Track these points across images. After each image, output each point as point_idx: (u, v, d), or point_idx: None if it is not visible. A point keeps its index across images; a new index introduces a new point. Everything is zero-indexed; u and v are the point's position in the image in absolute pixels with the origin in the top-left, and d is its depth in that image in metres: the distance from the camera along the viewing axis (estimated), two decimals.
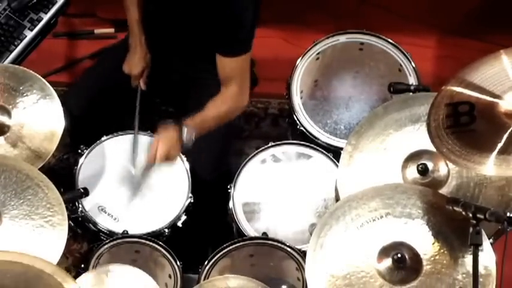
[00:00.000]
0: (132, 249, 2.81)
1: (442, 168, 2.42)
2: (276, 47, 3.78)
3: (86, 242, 3.20)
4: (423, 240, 2.21)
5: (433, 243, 2.20)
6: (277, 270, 2.85)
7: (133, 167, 2.93)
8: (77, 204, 2.83)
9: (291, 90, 3.12)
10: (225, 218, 2.96)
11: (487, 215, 2.02)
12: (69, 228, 2.40)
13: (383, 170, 2.48)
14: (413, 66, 3.10)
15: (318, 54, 3.18)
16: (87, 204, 2.86)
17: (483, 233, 2.10)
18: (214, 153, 3.01)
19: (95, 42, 3.77)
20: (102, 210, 2.88)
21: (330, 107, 3.37)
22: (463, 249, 2.17)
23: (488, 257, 2.14)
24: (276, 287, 2.85)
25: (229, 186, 2.91)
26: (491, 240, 2.34)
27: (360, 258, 2.22)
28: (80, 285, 2.23)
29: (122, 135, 2.99)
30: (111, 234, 2.82)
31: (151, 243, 2.76)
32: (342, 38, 3.19)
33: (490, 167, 2.05)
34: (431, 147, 2.22)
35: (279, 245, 2.71)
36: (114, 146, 2.98)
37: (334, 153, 2.93)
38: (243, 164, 2.96)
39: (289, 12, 3.79)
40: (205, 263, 2.69)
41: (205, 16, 2.77)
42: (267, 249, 2.75)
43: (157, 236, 2.81)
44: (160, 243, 2.75)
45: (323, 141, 3.03)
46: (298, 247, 2.71)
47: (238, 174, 2.94)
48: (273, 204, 2.92)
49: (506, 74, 2.16)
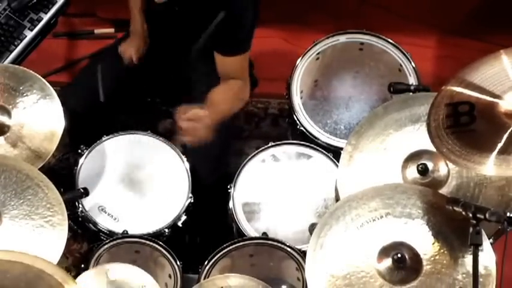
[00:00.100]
0: (132, 249, 2.81)
1: (442, 168, 2.42)
2: (276, 47, 3.77)
3: (86, 242, 3.20)
4: (423, 240, 2.21)
5: (433, 243, 2.20)
6: (277, 270, 2.85)
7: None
8: (77, 204, 2.84)
9: (291, 90, 3.12)
10: (225, 218, 2.96)
11: (487, 215, 2.02)
12: (69, 228, 2.40)
13: (383, 170, 2.48)
14: (413, 66, 3.10)
15: (318, 54, 3.18)
16: (87, 204, 2.86)
17: (483, 233, 2.10)
18: (214, 153, 3.01)
19: (95, 42, 3.77)
20: (102, 210, 2.88)
21: (330, 107, 3.37)
22: (463, 249, 2.17)
23: (488, 257, 2.14)
24: (276, 287, 2.85)
25: (229, 186, 2.91)
26: (491, 240, 2.34)
27: (360, 258, 2.22)
28: (80, 285, 2.23)
29: (121, 135, 2.99)
30: (111, 234, 2.82)
31: (151, 243, 2.76)
32: (342, 38, 3.19)
33: (490, 167, 2.05)
34: (431, 147, 2.22)
35: (279, 245, 2.71)
36: (114, 146, 2.98)
37: (334, 153, 2.93)
38: (243, 164, 2.95)
39: (289, 12, 3.79)
40: (205, 263, 2.69)
41: (206, 16, 2.78)
42: (267, 249, 2.75)
43: (157, 236, 2.81)
44: (160, 243, 2.76)
45: (323, 141, 3.03)
46: (298, 247, 2.71)
47: (238, 174, 2.94)
48: (273, 204, 2.92)
49: (506, 74, 2.16)
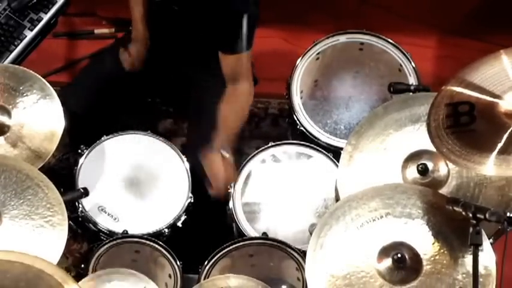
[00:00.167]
0: (132, 249, 2.81)
1: (442, 168, 2.42)
2: (276, 47, 3.77)
3: (86, 242, 3.20)
4: (423, 240, 2.21)
5: (433, 243, 2.20)
6: (277, 270, 2.84)
7: None
8: (77, 204, 2.83)
9: (291, 90, 3.12)
10: (225, 218, 2.96)
11: (487, 215, 2.02)
12: (69, 228, 2.40)
13: (383, 170, 2.48)
14: (413, 66, 3.10)
15: (318, 54, 3.18)
16: (87, 204, 2.86)
17: (483, 233, 2.10)
18: None
19: (95, 42, 3.77)
20: (102, 210, 2.88)
21: (330, 107, 3.37)
22: (463, 249, 2.17)
23: (488, 257, 2.14)
24: (276, 287, 2.85)
25: (229, 186, 2.91)
26: (491, 240, 2.34)
27: (360, 258, 2.22)
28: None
29: (121, 135, 2.99)
30: (111, 234, 2.82)
31: (151, 243, 2.76)
32: (342, 38, 3.19)
33: (490, 167, 2.05)
34: (431, 147, 2.22)
35: (279, 245, 2.71)
36: (114, 146, 2.97)
37: (334, 153, 2.93)
38: (243, 164, 2.95)
39: (290, 12, 3.78)
40: (205, 263, 2.69)
41: (206, 15, 2.78)
42: (267, 249, 2.74)
43: (157, 236, 2.81)
44: (160, 243, 2.75)
45: (323, 141, 3.03)
46: (298, 247, 2.71)
47: (238, 174, 2.94)
48: (273, 204, 2.92)
49: (506, 74, 2.16)
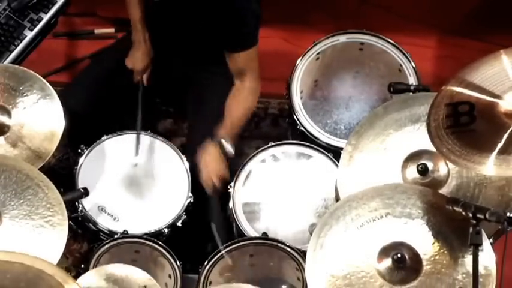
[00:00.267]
0: (132, 249, 2.81)
1: (442, 168, 2.42)
2: (276, 47, 3.77)
3: (86, 242, 3.19)
4: (423, 240, 2.21)
5: (433, 243, 2.20)
6: (277, 270, 2.84)
7: (135, 165, 2.94)
8: (77, 204, 2.83)
9: (291, 90, 3.12)
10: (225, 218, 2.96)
11: (487, 215, 2.02)
12: (69, 228, 2.40)
13: (383, 170, 2.48)
14: (413, 66, 3.10)
15: (318, 54, 3.18)
16: (87, 204, 2.86)
17: (483, 233, 2.10)
18: None
19: (95, 42, 3.76)
20: (102, 210, 2.88)
21: (330, 107, 3.37)
22: (463, 249, 2.17)
23: (488, 257, 2.14)
24: (276, 287, 2.85)
25: (229, 186, 2.91)
26: (491, 240, 2.34)
27: (360, 258, 2.22)
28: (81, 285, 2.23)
29: (122, 135, 2.99)
30: (111, 234, 2.82)
31: (151, 243, 2.76)
32: (342, 38, 3.19)
33: (490, 167, 2.05)
34: (431, 147, 2.22)
35: (279, 245, 2.71)
36: (114, 146, 2.97)
37: (334, 153, 2.93)
38: (243, 164, 2.95)
39: (290, 12, 3.78)
40: (205, 263, 2.69)
41: (208, 14, 2.78)
42: (267, 249, 2.74)
43: (157, 236, 2.81)
44: (160, 243, 2.75)
45: (323, 141, 3.03)
46: (298, 247, 2.71)
47: (238, 174, 2.94)
48: (273, 204, 2.92)
49: (506, 74, 2.16)
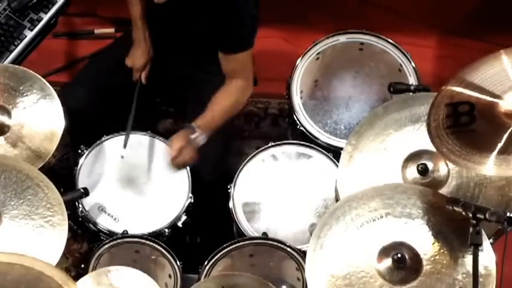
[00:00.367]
0: (132, 249, 2.81)
1: (442, 168, 2.42)
2: (276, 47, 3.77)
3: (86, 242, 3.20)
4: (423, 240, 2.21)
5: (433, 243, 2.20)
6: (277, 270, 2.84)
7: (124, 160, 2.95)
8: (77, 204, 2.83)
9: (291, 90, 3.12)
10: (225, 218, 2.96)
11: (487, 215, 2.02)
12: (69, 228, 2.40)
13: (383, 170, 2.48)
14: (413, 66, 3.10)
15: (318, 54, 3.18)
16: (87, 204, 2.86)
17: (483, 233, 2.10)
18: (215, 153, 3.01)
19: (95, 42, 3.77)
20: (102, 210, 2.87)
21: (330, 107, 3.37)
22: (463, 249, 2.17)
23: (488, 257, 2.14)
24: (276, 287, 2.84)
25: (229, 186, 2.90)
26: (491, 240, 2.34)
27: (360, 258, 2.22)
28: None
29: (122, 135, 2.99)
30: (111, 234, 2.82)
31: (151, 243, 2.76)
32: (342, 38, 3.19)
33: (490, 167, 2.05)
34: (431, 147, 2.22)
35: (279, 245, 2.71)
36: (115, 146, 2.97)
37: (334, 153, 2.93)
38: (243, 164, 2.95)
39: (290, 12, 3.78)
40: (205, 263, 2.69)
41: (206, 14, 2.78)
42: (267, 249, 2.74)
43: (157, 236, 2.81)
44: (160, 243, 2.75)
45: (323, 141, 3.03)
46: (298, 247, 2.71)
47: (238, 174, 2.94)
48: (273, 204, 2.92)
49: (506, 74, 2.16)
